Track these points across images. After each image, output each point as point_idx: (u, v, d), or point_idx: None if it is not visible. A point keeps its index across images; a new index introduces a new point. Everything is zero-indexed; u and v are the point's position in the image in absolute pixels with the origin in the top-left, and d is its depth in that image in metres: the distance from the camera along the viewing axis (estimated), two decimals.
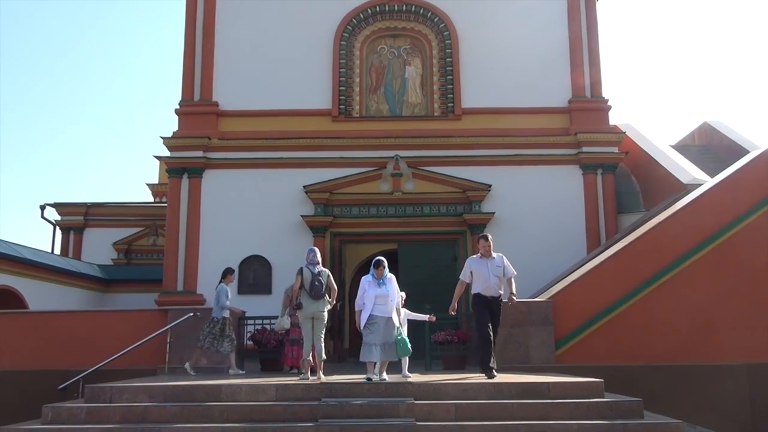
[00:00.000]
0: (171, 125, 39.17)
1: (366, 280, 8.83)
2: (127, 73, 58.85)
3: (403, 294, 9.37)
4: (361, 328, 8.71)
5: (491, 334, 9.15)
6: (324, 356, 9.72)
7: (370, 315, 8.59)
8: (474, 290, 9.29)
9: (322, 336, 9.71)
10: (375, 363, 8.64)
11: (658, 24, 62.65)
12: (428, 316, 9.46)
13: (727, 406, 10.64)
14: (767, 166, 12.04)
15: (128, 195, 61.69)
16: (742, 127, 18.27)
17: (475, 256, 9.44)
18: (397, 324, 8.78)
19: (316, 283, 9.60)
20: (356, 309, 8.86)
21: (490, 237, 9.53)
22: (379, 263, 8.84)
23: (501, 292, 9.31)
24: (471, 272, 9.29)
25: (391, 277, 8.91)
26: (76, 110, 59.80)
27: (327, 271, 9.89)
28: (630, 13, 62.50)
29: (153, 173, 34.93)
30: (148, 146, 59.97)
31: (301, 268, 9.75)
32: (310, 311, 9.57)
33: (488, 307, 9.20)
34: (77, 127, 59.25)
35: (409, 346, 8.77)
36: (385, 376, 8.54)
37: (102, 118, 59.45)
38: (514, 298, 9.44)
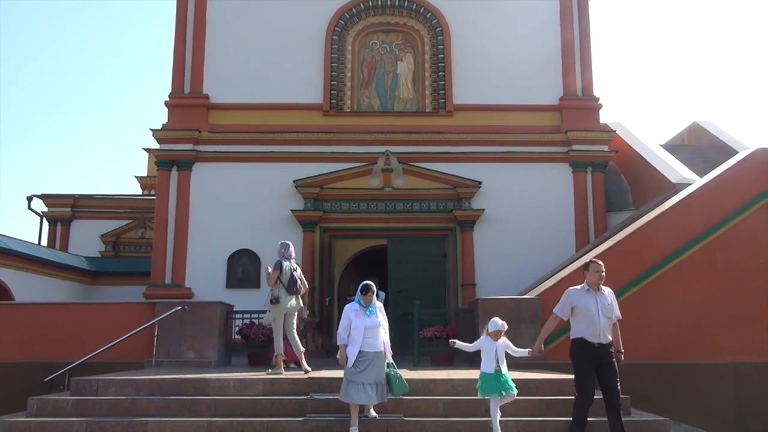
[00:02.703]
0: (160, 117, 38.96)
1: (351, 309, 7.43)
2: (116, 63, 58.50)
3: (504, 323, 7.61)
4: (349, 365, 7.27)
5: (594, 394, 7.09)
6: (303, 348, 9.73)
7: (360, 351, 7.22)
8: (575, 334, 7.17)
9: (295, 329, 9.79)
10: (360, 405, 7.32)
11: (650, 23, 62.93)
12: (528, 350, 7.41)
13: (714, 404, 10.72)
14: (756, 167, 12.12)
15: (116, 187, 61.35)
16: (732, 127, 18.36)
17: (577, 287, 7.31)
18: (389, 359, 7.51)
19: (295, 278, 9.74)
20: (339, 343, 7.44)
21: (601, 262, 7.31)
22: (367, 288, 7.45)
23: (611, 338, 7.18)
24: (572, 308, 7.19)
25: (379, 305, 7.63)
26: (64, 100, 59.40)
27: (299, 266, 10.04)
28: (622, 12, 62.73)
29: (142, 165, 34.75)
30: (137, 138, 59.65)
31: (280, 262, 9.82)
32: (287, 306, 9.69)
33: (595, 358, 7.03)
34: (65, 117, 58.87)
35: (406, 383, 7.55)
36: (373, 413, 7.48)
37: (91, 109, 59.09)
38: (622, 355, 7.35)
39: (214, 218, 15.69)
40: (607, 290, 7.26)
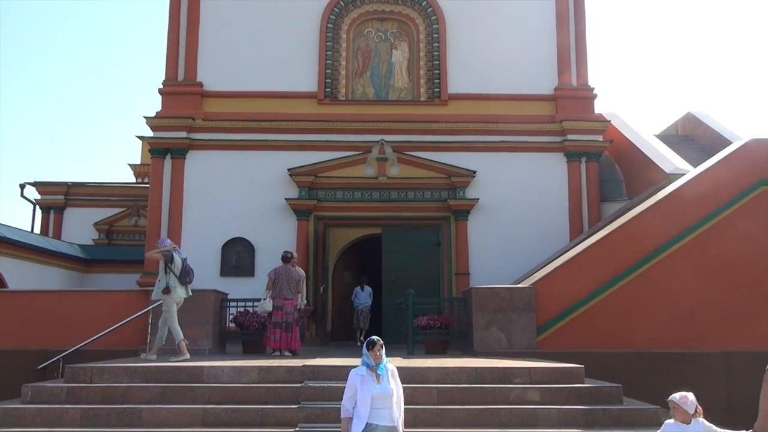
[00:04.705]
0: (154, 105, 38.70)
1: (357, 375, 5.87)
2: (110, 50, 58.10)
3: (691, 398, 5.56)
4: None
5: None
6: (182, 336, 10.02)
7: (368, 424, 5.74)
8: None
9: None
10: None
11: (646, 13, 62.83)
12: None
13: (705, 394, 10.74)
14: (749, 158, 12.15)
15: (110, 175, 61.09)
16: (725, 117, 18.40)
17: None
18: None
19: (188, 268, 10.16)
20: (343, 416, 5.91)
21: None
22: (373, 343, 5.90)
23: None
24: None
25: (392, 368, 6.00)
26: (58, 88, 58.99)
27: None
28: (618, 2, 62.57)
29: (135, 153, 34.63)
30: (130, 126, 59.37)
31: (171, 254, 10.07)
32: (181, 296, 10.06)
33: None
34: (59, 104, 58.50)
35: None
36: None
37: (84, 96, 58.75)
38: None
39: (208, 206, 15.66)
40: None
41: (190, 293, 10.42)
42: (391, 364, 6.02)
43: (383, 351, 5.91)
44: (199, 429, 7.32)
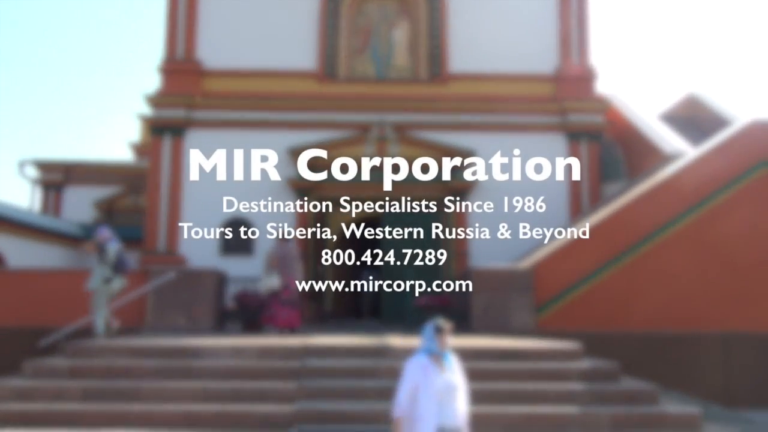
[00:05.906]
0: (155, 83, 38.52)
1: (418, 364, 4.95)
2: (111, 28, 57.67)
3: None
4: None
5: None
6: (101, 331, 10.00)
7: (440, 428, 4.76)
8: None
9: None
10: None
11: None
12: None
13: (701, 374, 10.88)
14: (750, 139, 12.13)
15: (109, 153, 60.95)
16: (727, 99, 18.32)
17: None
18: None
19: (123, 259, 10.22)
20: (397, 415, 4.88)
21: None
22: (442, 328, 5.02)
23: None
24: None
25: (454, 356, 5.18)
26: (58, 65, 58.63)
27: None
28: None
29: (135, 132, 34.51)
30: (130, 104, 59.14)
31: (104, 245, 10.12)
32: (115, 287, 10.12)
33: None
34: (58, 82, 58.19)
35: None
36: None
37: (84, 74, 58.41)
38: None
39: (207, 185, 15.63)
40: None
41: (125, 283, 10.41)
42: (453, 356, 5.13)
43: (450, 338, 4.98)
44: (199, 405, 7.38)
